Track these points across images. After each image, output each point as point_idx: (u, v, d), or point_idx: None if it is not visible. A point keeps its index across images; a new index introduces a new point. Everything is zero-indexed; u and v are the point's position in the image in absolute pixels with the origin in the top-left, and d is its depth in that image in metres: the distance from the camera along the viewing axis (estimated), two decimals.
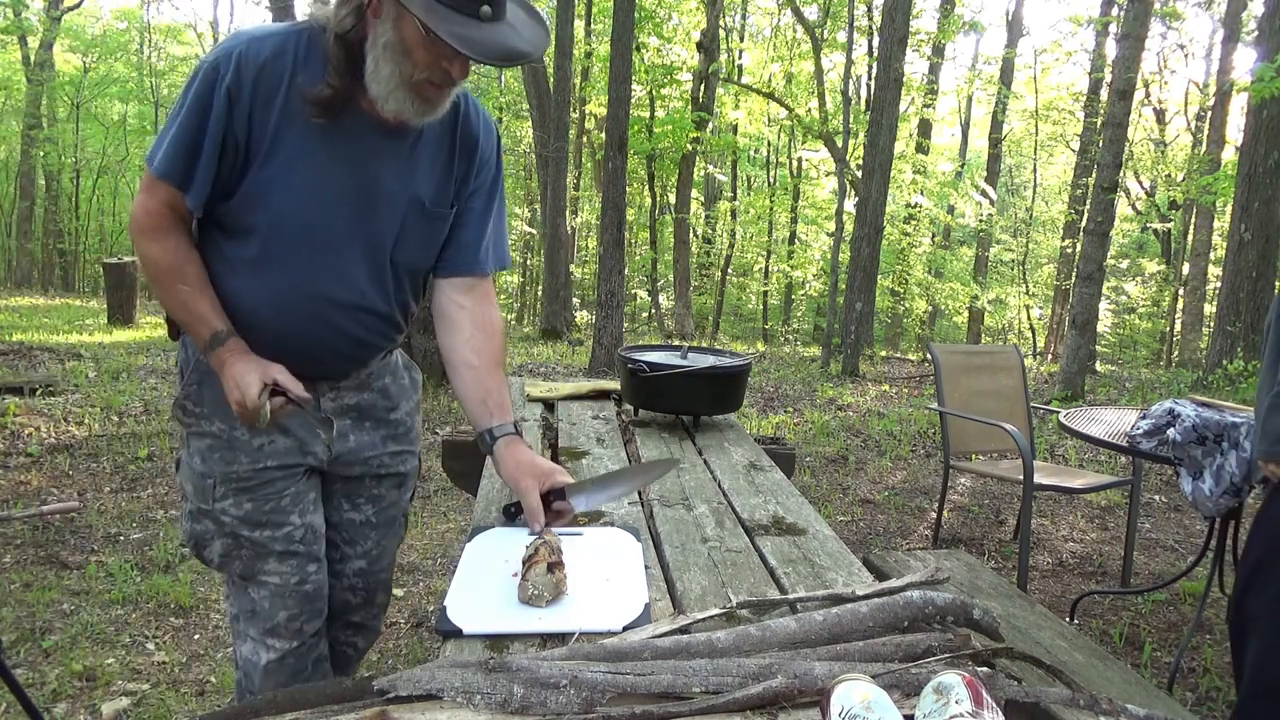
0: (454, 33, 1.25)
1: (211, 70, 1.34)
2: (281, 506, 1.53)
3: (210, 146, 1.35)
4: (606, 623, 1.19)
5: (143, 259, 1.44)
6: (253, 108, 1.35)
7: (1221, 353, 7.94)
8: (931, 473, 5.33)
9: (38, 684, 2.53)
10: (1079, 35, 17.46)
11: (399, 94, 1.35)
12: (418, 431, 1.76)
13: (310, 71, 1.36)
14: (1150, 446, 2.64)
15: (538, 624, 1.19)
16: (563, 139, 11.78)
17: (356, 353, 1.57)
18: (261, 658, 1.55)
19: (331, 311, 1.48)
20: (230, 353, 1.40)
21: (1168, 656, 2.97)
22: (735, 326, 21.28)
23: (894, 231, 15.85)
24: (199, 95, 1.35)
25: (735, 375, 2.47)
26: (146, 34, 21.72)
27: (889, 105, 9.72)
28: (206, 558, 1.56)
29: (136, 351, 8.32)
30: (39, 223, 20.82)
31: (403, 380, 1.70)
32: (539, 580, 1.24)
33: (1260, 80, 6.81)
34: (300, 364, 1.49)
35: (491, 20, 1.29)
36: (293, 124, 1.37)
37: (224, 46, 1.37)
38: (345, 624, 1.75)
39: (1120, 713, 0.99)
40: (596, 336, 8.17)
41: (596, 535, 1.53)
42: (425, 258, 1.58)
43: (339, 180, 1.42)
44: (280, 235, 1.42)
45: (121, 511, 4.01)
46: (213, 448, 1.51)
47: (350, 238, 1.46)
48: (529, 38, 1.34)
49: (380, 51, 1.33)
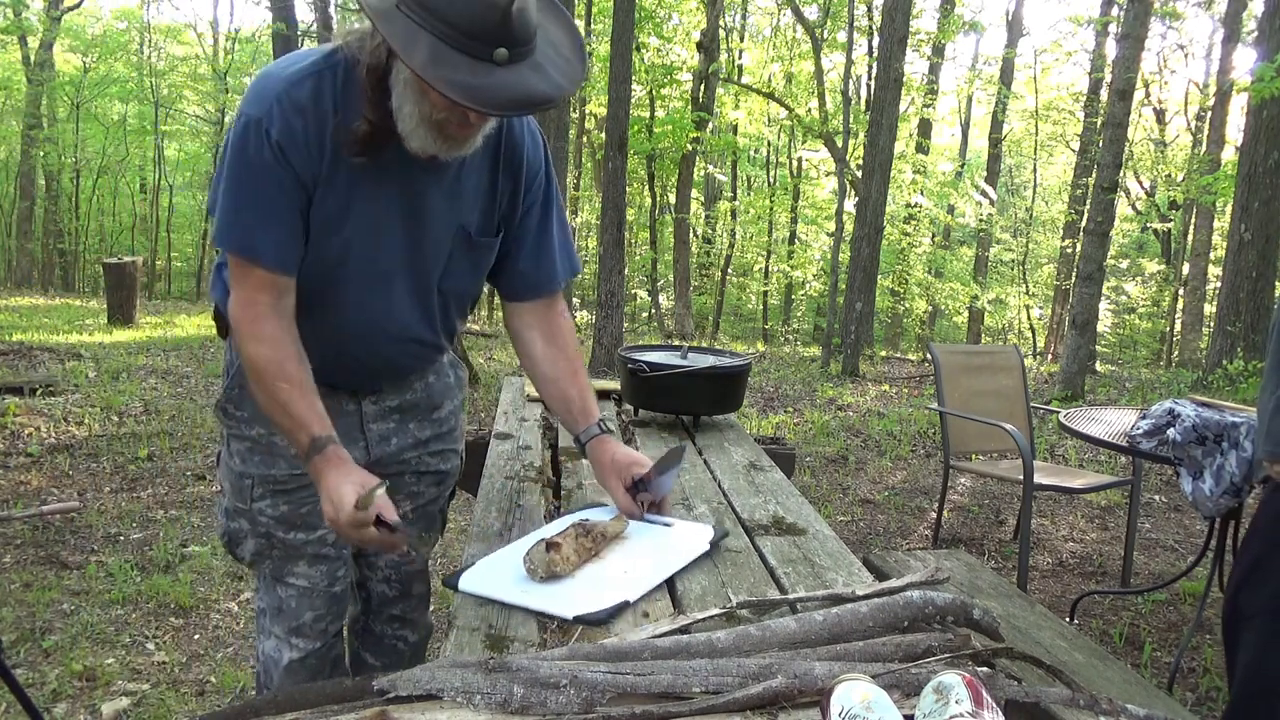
0: (455, 81, 1.13)
1: (255, 127, 1.27)
2: (317, 510, 1.49)
3: (288, 208, 1.29)
4: (562, 610, 1.20)
5: (243, 359, 1.37)
6: (305, 154, 1.29)
7: (1221, 353, 7.94)
8: (931, 473, 5.33)
9: (38, 684, 2.53)
10: (1079, 35, 17.48)
11: (421, 132, 1.27)
12: (461, 430, 1.75)
13: (350, 108, 1.30)
14: (1150, 446, 2.64)
15: (509, 595, 1.25)
16: (563, 139, 11.75)
17: (399, 374, 1.59)
18: (284, 656, 1.56)
19: (378, 344, 1.47)
20: (328, 463, 1.31)
21: (1168, 656, 2.96)
22: (735, 326, 21.27)
23: (894, 231, 15.84)
24: (251, 158, 1.28)
25: (735, 375, 2.47)
26: (146, 34, 21.69)
27: (889, 105, 9.72)
28: (239, 554, 1.57)
29: (136, 351, 8.31)
30: (39, 223, 20.81)
31: (447, 378, 1.69)
32: (535, 556, 1.28)
33: (1260, 80, 6.80)
34: (339, 381, 1.49)
35: (508, 63, 1.17)
36: (341, 165, 1.32)
37: (258, 96, 1.29)
38: (389, 618, 1.76)
39: (1120, 713, 0.99)
40: (596, 336, 8.16)
41: (680, 529, 1.52)
42: (472, 284, 1.57)
43: (388, 217, 1.38)
44: (330, 275, 1.38)
45: (121, 511, 4.01)
46: (252, 450, 1.50)
47: (398, 273, 1.43)
48: (555, 79, 1.22)
49: (401, 88, 1.26)
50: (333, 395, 1.52)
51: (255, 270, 1.31)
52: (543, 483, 1.88)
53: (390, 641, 1.77)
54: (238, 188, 1.29)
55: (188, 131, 22.22)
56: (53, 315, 11.77)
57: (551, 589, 1.27)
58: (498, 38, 1.15)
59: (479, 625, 1.19)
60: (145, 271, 18.32)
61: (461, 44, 1.14)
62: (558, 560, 1.29)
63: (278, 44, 11.05)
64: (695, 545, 1.44)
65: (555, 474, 2.00)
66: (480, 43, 1.15)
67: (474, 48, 1.15)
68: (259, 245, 1.30)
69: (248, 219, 1.29)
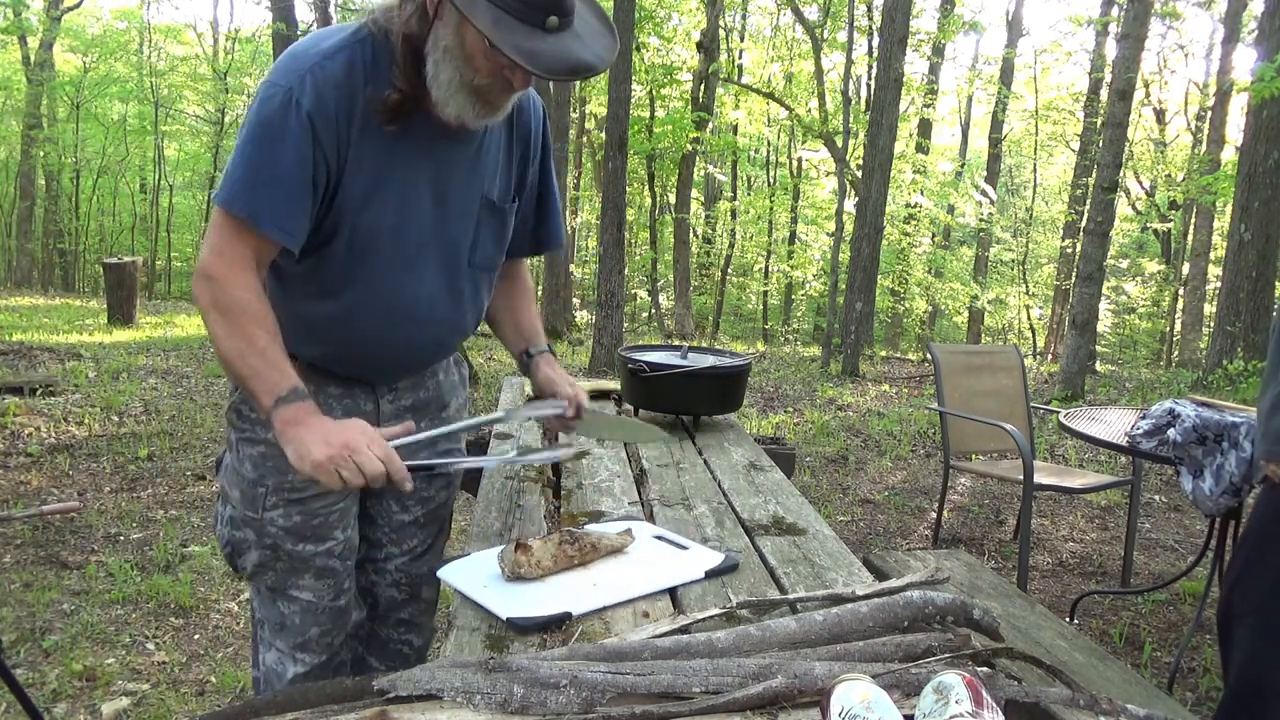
0: (518, 46, 1.18)
1: (285, 96, 1.25)
2: (330, 521, 1.50)
3: (300, 180, 1.27)
4: (500, 609, 1.20)
5: (216, 303, 1.28)
6: (335, 130, 1.28)
7: (1221, 353, 7.94)
8: (931, 473, 5.33)
9: (38, 684, 2.53)
10: (1079, 35, 17.50)
11: (459, 98, 1.29)
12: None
13: (378, 80, 1.30)
14: (1150, 446, 2.64)
15: (471, 589, 1.27)
16: (563, 139, 11.77)
17: (424, 363, 1.58)
18: (289, 670, 1.53)
19: (403, 325, 1.45)
20: (309, 411, 1.27)
21: (1168, 656, 2.96)
22: (735, 326, 21.27)
23: (894, 231, 15.85)
24: (276, 125, 1.25)
25: (735, 375, 2.47)
26: (146, 34, 21.70)
27: (889, 105, 9.72)
28: (239, 565, 1.52)
29: (136, 351, 8.31)
30: (39, 223, 20.81)
31: (453, 376, 1.69)
32: (505, 555, 1.30)
33: (1260, 80, 6.81)
34: (360, 372, 1.48)
35: (557, 30, 1.22)
36: (369, 140, 1.32)
37: (290, 68, 1.28)
38: (396, 622, 1.74)
39: (1120, 713, 0.99)
40: (596, 336, 8.16)
41: (694, 552, 1.45)
42: (499, 253, 1.57)
43: (417, 192, 1.38)
44: (358, 255, 1.37)
45: (121, 511, 4.01)
46: (265, 456, 1.45)
47: (427, 249, 1.43)
48: (595, 49, 1.26)
49: (440, 55, 1.27)
50: (350, 393, 1.51)
51: (248, 233, 1.28)
52: (543, 483, 1.88)
53: (396, 646, 1.75)
54: (255, 152, 1.27)
55: (188, 131, 22.22)
56: (53, 315, 11.77)
57: (512, 589, 1.27)
58: (551, 6, 1.21)
59: (479, 625, 1.19)
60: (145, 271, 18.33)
61: (519, 11, 1.19)
62: (523, 563, 1.29)
63: (278, 44, 11.05)
64: (691, 571, 1.37)
65: (555, 474, 2.00)
66: (536, 9, 1.20)
67: (530, 15, 1.20)
68: (261, 207, 1.27)
69: (257, 180, 1.26)
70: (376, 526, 1.65)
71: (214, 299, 1.28)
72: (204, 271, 1.29)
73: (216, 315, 1.28)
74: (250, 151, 1.27)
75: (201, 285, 1.29)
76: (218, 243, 1.29)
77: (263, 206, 1.27)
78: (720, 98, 17.28)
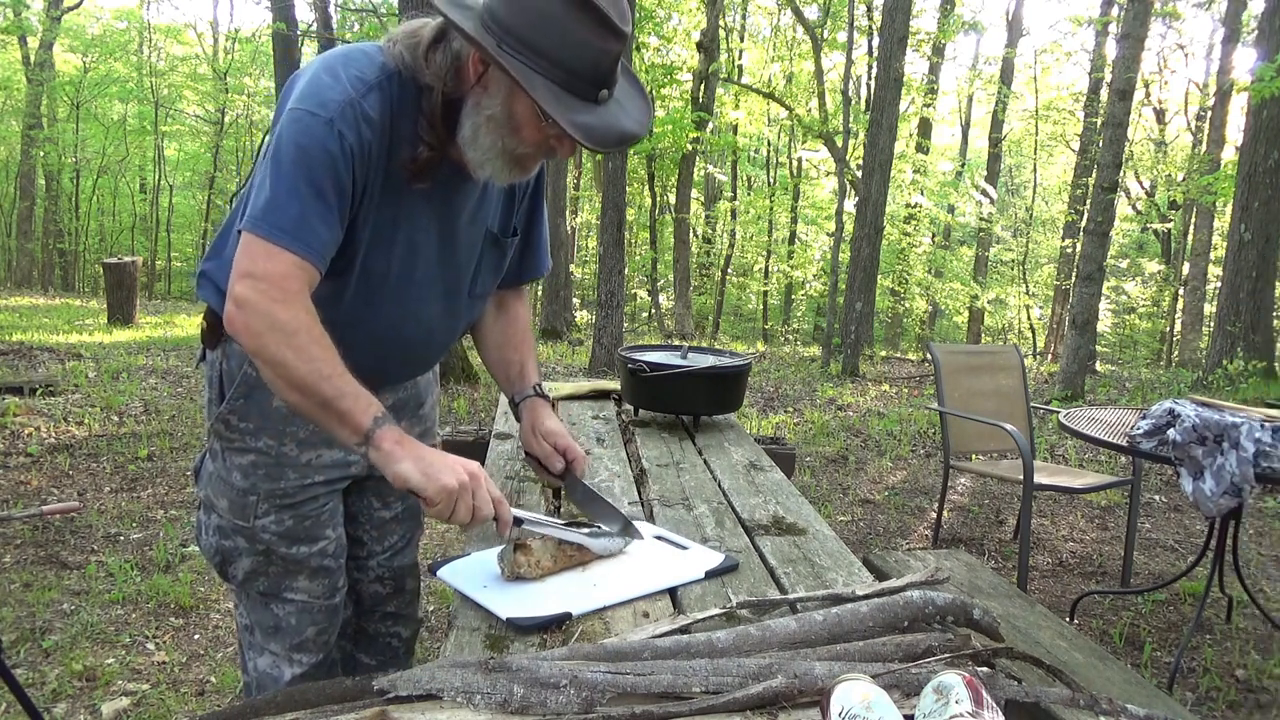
0: (574, 121, 1.19)
1: (328, 126, 1.22)
2: (321, 521, 1.50)
3: (340, 211, 1.26)
4: (500, 610, 1.20)
5: (275, 326, 1.19)
6: (367, 169, 1.28)
7: (1221, 353, 7.95)
8: (931, 473, 5.33)
9: (38, 684, 2.53)
10: (1079, 35, 17.53)
11: (498, 164, 1.30)
12: (436, 423, 1.77)
13: (401, 124, 1.29)
14: (1150, 446, 2.64)
15: (471, 589, 1.27)
16: None
17: (409, 377, 1.61)
18: (285, 672, 1.52)
19: (397, 348, 1.48)
20: (402, 435, 1.25)
21: (1168, 656, 2.96)
22: (735, 326, 21.28)
23: (894, 231, 15.86)
24: (319, 154, 1.22)
25: (735, 375, 2.47)
26: (146, 34, 21.71)
27: (889, 105, 9.72)
28: (229, 574, 1.50)
29: (136, 351, 8.31)
30: (39, 223, 20.82)
31: (428, 375, 1.71)
32: (504, 555, 1.31)
33: (1260, 80, 6.81)
34: None
35: (606, 102, 1.25)
36: (391, 181, 1.31)
37: (329, 99, 1.23)
38: (382, 615, 1.75)
39: (1120, 713, 0.99)
40: (596, 336, 8.16)
41: (694, 552, 1.46)
42: (495, 282, 1.60)
43: (427, 230, 1.39)
44: (365, 287, 1.37)
45: (121, 511, 4.01)
46: (256, 464, 1.44)
47: (431, 282, 1.44)
48: (636, 116, 1.29)
49: (483, 121, 1.26)
50: None
51: (292, 256, 1.22)
52: (543, 483, 1.88)
53: (385, 639, 1.77)
54: (296, 177, 1.22)
55: (188, 131, 22.25)
56: (53, 315, 11.77)
57: (512, 589, 1.27)
58: (604, 81, 1.23)
59: (479, 625, 1.19)
60: (145, 271, 18.36)
61: (575, 87, 1.21)
62: (523, 563, 1.30)
63: (278, 44, 11.05)
64: (691, 571, 1.38)
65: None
66: (590, 85, 1.22)
67: (585, 90, 1.22)
68: (308, 234, 1.23)
69: (303, 209, 1.22)
70: (358, 524, 1.66)
71: (272, 323, 1.19)
72: (252, 297, 1.20)
73: (280, 339, 1.19)
74: (293, 177, 1.22)
75: (251, 314, 1.20)
76: (261, 268, 1.21)
77: (312, 235, 1.23)
78: (720, 98, 17.28)
